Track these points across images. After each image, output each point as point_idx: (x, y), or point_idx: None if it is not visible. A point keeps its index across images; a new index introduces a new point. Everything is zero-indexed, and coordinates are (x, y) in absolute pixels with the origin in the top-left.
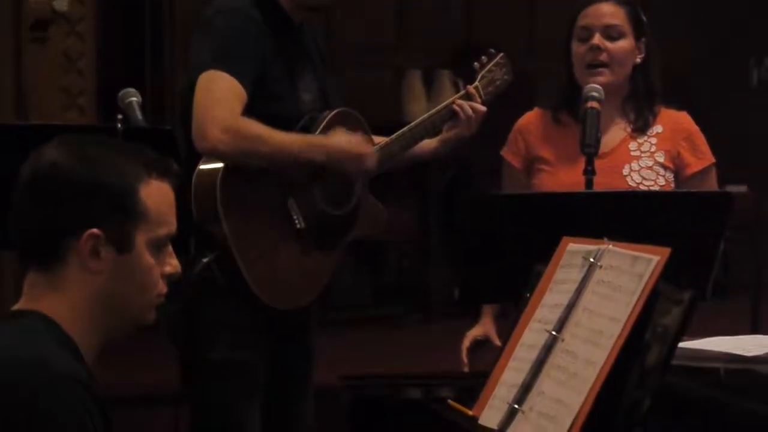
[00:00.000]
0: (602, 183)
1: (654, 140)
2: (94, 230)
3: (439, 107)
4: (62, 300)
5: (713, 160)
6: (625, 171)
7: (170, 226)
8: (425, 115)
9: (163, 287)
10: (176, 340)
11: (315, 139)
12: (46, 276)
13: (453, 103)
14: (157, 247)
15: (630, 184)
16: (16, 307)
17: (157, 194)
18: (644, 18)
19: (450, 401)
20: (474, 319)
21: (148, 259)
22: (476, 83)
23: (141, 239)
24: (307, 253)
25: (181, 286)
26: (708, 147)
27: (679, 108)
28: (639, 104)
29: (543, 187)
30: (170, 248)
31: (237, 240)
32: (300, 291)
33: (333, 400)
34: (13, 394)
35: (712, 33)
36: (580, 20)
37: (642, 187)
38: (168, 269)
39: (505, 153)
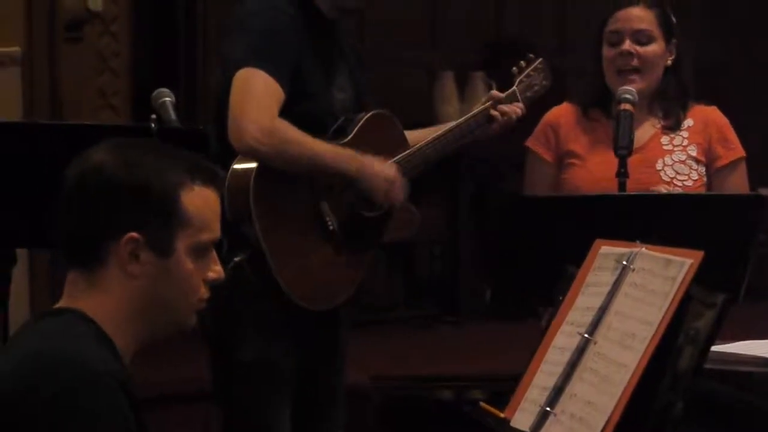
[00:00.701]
0: (636, 179)
1: (686, 134)
2: (134, 234)
3: (473, 113)
4: (102, 300)
5: (743, 153)
6: (659, 166)
7: (213, 232)
8: (460, 120)
9: (204, 292)
10: (208, 339)
11: (352, 154)
12: (87, 276)
13: (487, 109)
14: (199, 252)
15: (663, 178)
16: (57, 305)
17: (199, 200)
18: (674, 19)
19: (481, 403)
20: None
21: (189, 264)
22: (513, 87)
23: (182, 244)
24: (339, 255)
25: (213, 286)
26: (738, 140)
27: (709, 104)
28: (670, 103)
29: (574, 180)
30: (214, 254)
31: (269, 241)
32: (331, 292)
33: (364, 400)
34: (49, 390)
35: (740, 34)
36: (611, 24)
37: (676, 182)
38: (211, 275)
39: (534, 145)
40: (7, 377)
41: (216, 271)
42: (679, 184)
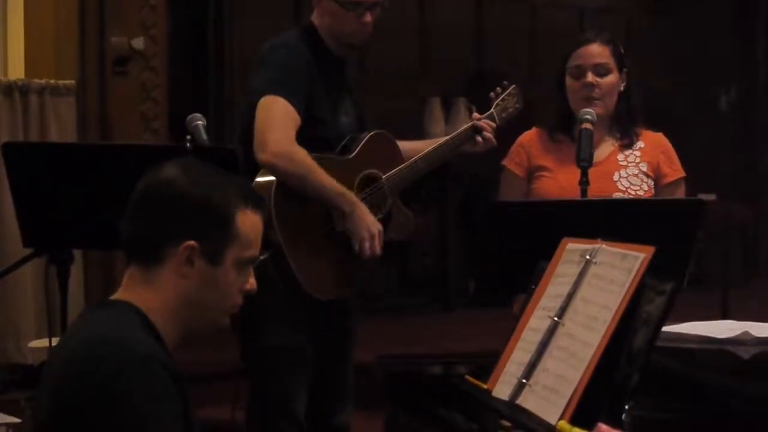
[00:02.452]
0: (596, 188)
1: (638, 153)
2: (192, 242)
3: (459, 130)
4: (154, 295)
5: (684, 174)
6: (615, 177)
7: (255, 251)
8: (447, 138)
9: (239, 300)
10: (235, 328)
11: (350, 196)
12: (144, 273)
13: (471, 127)
14: (242, 266)
15: (620, 188)
16: (113, 296)
17: (250, 222)
18: (623, 51)
19: (467, 376)
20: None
21: (232, 274)
22: (491, 110)
23: (230, 257)
24: (346, 253)
25: None
26: (679, 163)
27: (656, 130)
28: (623, 125)
29: (544, 190)
30: (251, 269)
31: (288, 242)
32: (341, 285)
33: (368, 375)
34: (100, 370)
35: (686, 63)
36: (573, 60)
37: (630, 191)
38: (247, 286)
39: (508, 163)
40: (65, 362)
41: (251, 283)
42: (633, 192)
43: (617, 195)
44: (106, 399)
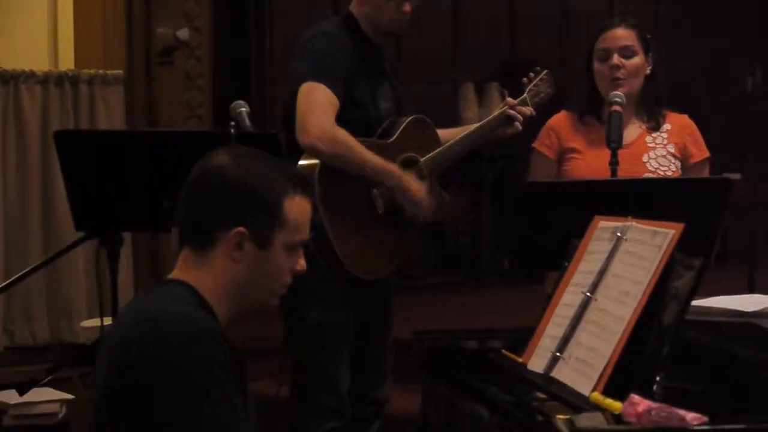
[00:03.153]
0: (627, 169)
1: (665, 135)
2: (242, 228)
3: (494, 114)
4: (207, 276)
5: (709, 154)
6: (645, 158)
7: (304, 234)
8: (482, 122)
9: (288, 280)
10: (281, 305)
11: (393, 169)
12: (197, 255)
13: (504, 112)
14: (291, 249)
15: (649, 168)
16: (170, 276)
17: (298, 207)
18: (649, 36)
19: (503, 350)
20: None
21: (282, 257)
22: (524, 95)
23: (279, 241)
24: (387, 233)
25: None
26: (704, 144)
27: (681, 112)
28: (650, 108)
29: (574, 171)
30: (301, 251)
31: (331, 224)
32: (381, 264)
33: (405, 350)
34: (166, 344)
35: (712, 46)
36: (600, 43)
37: (659, 172)
38: (297, 267)
39: (539, 146)
40: (123, 337)
41: (301, 264)
42: (662, 173)
43: (647, 176)
44: (166, 372)
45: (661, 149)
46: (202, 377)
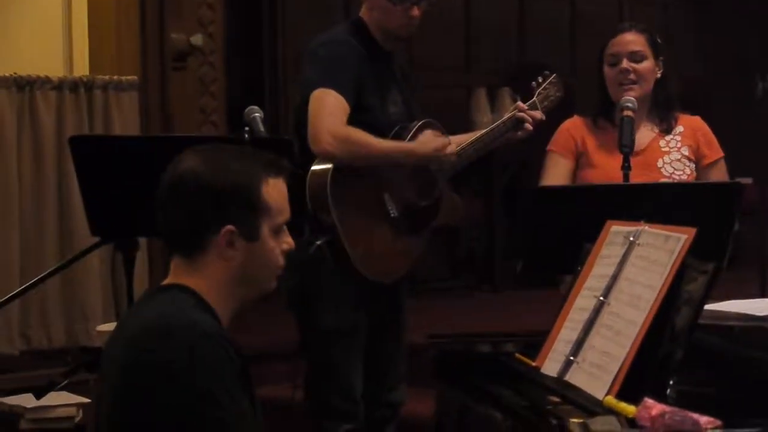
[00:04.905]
0: (642, 175)
1: (678, 138)
2: (230, 227)
3: (504, 118)
4: (203, 279)
5: (723, 154)
6: (660, 164)
7: (286, 213)
8: (492, 125)
9: (282, 261)
10: (294, 309)
11: (406, 146)
12: (189, 261)
13: (514, 115)
14: (276, 231)
15: (664, 174)
16: (165, 282)
17: (274, 190)
18: (659, 41)
19: (517, 354)
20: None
21: (271, 242)
22: (534, 98)
23: (265, 228)
24: (399, 237)
25: (298, 265)
26: (718, 144)
27: (693, 114)
28: (661, 111)
29: (589, 177)
30: (286, 229)
31: (343, 227)
32: (394, 267)
33: (419, 354)
34: (172, 348)
35: (722, 51)
36: (610, 48)
37: (675, 176)
38: (285, 246)
39: (556, 148)
40: (128, 343)
41: (288, 242)
42: (677, 177)
43: (663, 181)
44: (172, 377)
45: (675, 153)
46: (208, 380)
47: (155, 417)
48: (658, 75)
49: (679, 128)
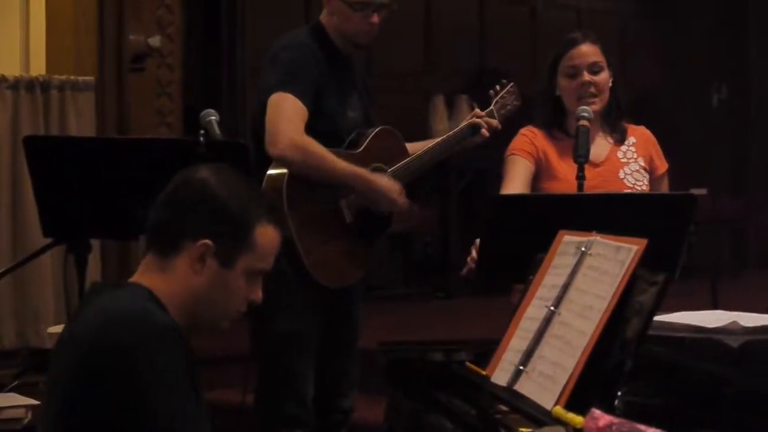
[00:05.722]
0: (605, 187)
1: (633, 149)
2: (208, 241)
3: (461, 126)
4: (166, 283)
5: (668, 165)
6: (621, 174)
7: (268, 264)
8: (450, 133)
9: (243, 307)
10: (247, 313)
11: (363, 173)
12: (160, 261)
13: (471, 123)
14: (251, 275)
15: (627, 184)
16: (130, 279)
17: (268, 236)
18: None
19: (467, 363)
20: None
21: (241, 281)
22: (491, 107)
23: (242, 264)
24: (353, 243)
25: None
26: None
27: (639, 124)
28: (612, 120)
29: (554, 189)
30: (260, 281)
31: (298, 232)
32: (348, 273)
33: (371, 361)
34: (125, 340)
35: (678, 61)
36: (567, 61)
37: (636, 187)
38: (253, 296)
39: (516, 150)
40: (81, 337)
41: (258, 295)
42: (639, 188)
43: (619, 191)
44: (125, 369)
45: (633, 164)
46: (160, 372)
47: (107, 408)
48: (610, 83)
49: (632, 139)
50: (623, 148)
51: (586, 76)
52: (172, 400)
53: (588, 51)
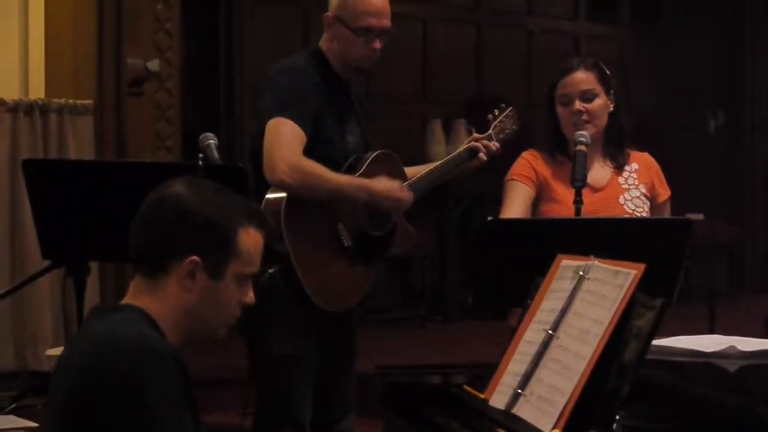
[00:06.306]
0: (604, 211)
1: (635, 175)
2: (196, 257)
3: (460, 149)
4: (157, 304)
5: (670, 192)
6: (621, 200)
7: (255, 267)
8: (448, 157)
9: (237, 312)
10: (245, 335)
11: (362, 182)
12: (149, 282)
13: (470, 147)
14: (241, 280)
15: (627, 210)
16: (122, 301)
17: (251, 240)
18: (608, 73)
19: (465, 386)
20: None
21: (232, 288)
22: (489, 131)
23: (231, 272)
24: (352, 266)
25: None
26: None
27: (642, 149)
28: (614, 146)
29: (554, 212)
30: (251, 283)
31: (297, 255)
32: (346, 296)
33: (368, 384)
34: (122, 365)
35: (676, 87)
36: (560, 89)
37: (636, 213)
38: (245, 299)
39: (516, 176)
40: (79, 361)
41: (250, 297)
42: (638, 214)
43: (618, 216)
44: (121, 393)
45: (634, 190)
46: (155, 398)
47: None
48: (611, 108)
49: (634, 165)
50: (625, 174)
51: (578, 105)
52: (168, 424)
53: (581, 78)
